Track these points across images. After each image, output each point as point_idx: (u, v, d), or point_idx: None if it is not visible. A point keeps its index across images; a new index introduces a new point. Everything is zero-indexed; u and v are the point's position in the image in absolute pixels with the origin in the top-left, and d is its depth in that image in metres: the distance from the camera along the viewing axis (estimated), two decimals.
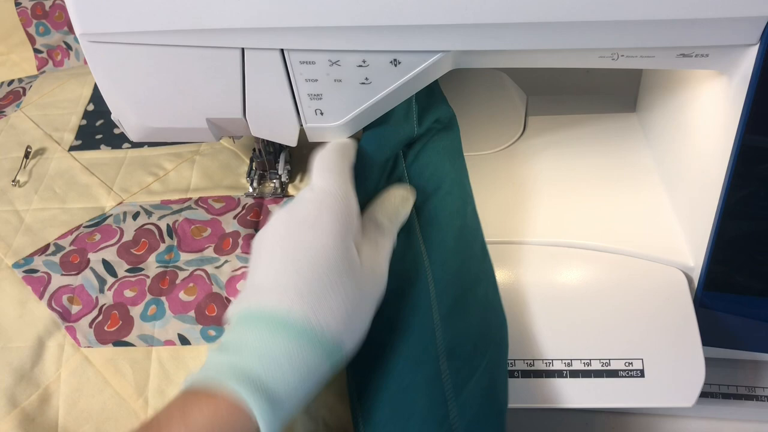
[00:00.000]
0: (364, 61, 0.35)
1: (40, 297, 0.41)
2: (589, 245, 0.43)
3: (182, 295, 0.40)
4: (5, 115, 0.55)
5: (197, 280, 0.41)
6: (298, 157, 0.49)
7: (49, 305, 0.40)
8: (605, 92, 0.61)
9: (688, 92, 0.42)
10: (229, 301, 0.40)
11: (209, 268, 0.42)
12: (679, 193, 0.44)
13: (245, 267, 0.42)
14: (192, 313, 0.40)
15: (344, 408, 0.38)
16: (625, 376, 0.39)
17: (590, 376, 0.40)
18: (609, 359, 0.40)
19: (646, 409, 0.49)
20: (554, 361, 0.40)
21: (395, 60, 0.35)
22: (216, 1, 0.33)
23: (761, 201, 0.37)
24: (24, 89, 0.58)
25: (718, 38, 0.33)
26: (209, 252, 0.43)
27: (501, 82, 0.58)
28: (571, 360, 0.40)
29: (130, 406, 0.38)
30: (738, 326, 0.43)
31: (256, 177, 0.47)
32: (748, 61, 0.33)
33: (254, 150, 0.48)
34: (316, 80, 0.36)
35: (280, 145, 0.46)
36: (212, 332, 0.39)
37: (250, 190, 0.46)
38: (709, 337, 0.40)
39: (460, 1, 0.32)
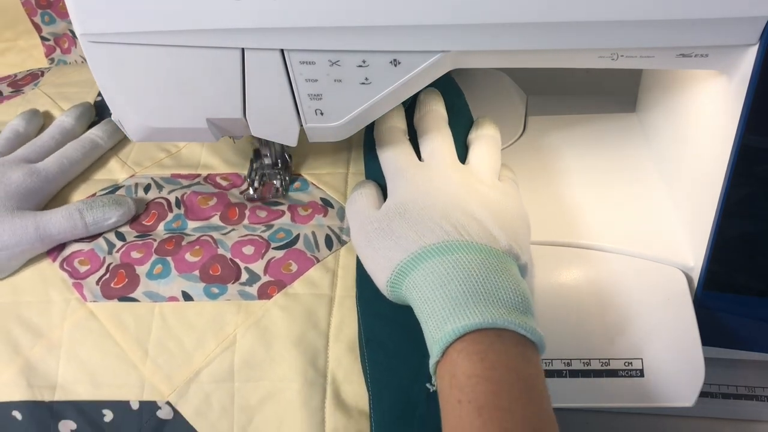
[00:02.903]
0: (364, 61, 0.35)
1: (54, 260, 0.42)
2: (589, 245, 0.43)
3: (188, 256, 0.42)
4: (23, 93, 0.56)
5: (203, 243, 0.42)
6: (298, 158, 0.49)
7: (61, 266, 0.42)
8: (605, 92, 0.61)
9: (688, 92, 0.42)
10: (233, 262, 0.41)
11: (215, 234, 0.43)
12: (679, 193, 0.44)
13: (251, 234, 0.43)
14: (197, 272, 0.41)
15: (353, 360, 0.38)
16: (625, 376, 0.39)
17: (590, 376, 0.40)
18: (608, 359, 0.40)
19: (646, 409, 0.49)
20: (554, 360, 0.40)
21: (395, 60, 0.35)
22: (216, 1, 0.33)
23: (761, 201, 0.37)
24: (43, 72, 0.60)
25: (717, 38, 0.33)
26: (215, 220, 0.44)
27: (501, 82, 0.58)
28: (570, 360, 0.40)
29: (129, 357, 0.38)
30: (738, 326, 0.43)
31: (256, 178, 0.47)
32: (747, 61, 0.33)
33: (254, 150, 0.48)
34: (316, 80, 0.36)
35: (281, 145, 0.46)
36: (215, 290, 0.40)
37: (251, 191, 0.46)
38: (709, 337, 0.40)
39: (460, 1, 0.32)
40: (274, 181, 0.47)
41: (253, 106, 0.38)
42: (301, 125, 0.39)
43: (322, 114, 0.38)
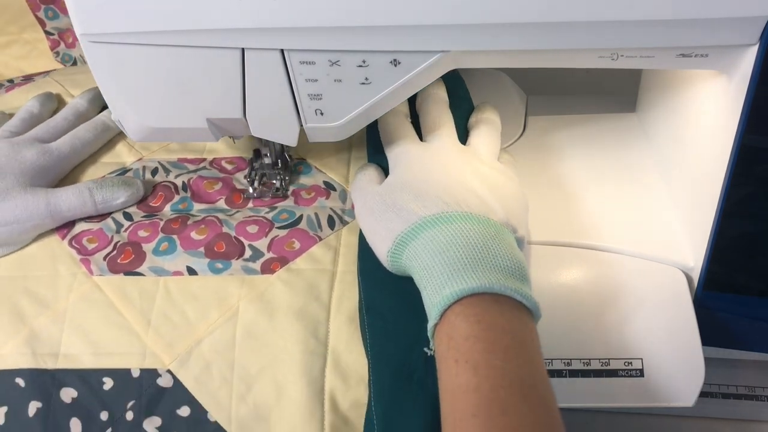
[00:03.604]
0: (364, 61, 0.35)
1: (63, 238, 0.44)
2: (589, 245, 0.43)
3: (193, 234, 0.43)
4: (34, 81, 0.58)
5: (208, 223, 0.44)
6: (300, 142, 0.49)
7: (69, 244, 0.43)
8: (605, 92, 0.61)
9: (688, 92, 0.42)
10: (237, 239, 0.42)
11: (221, 215, 0.44)
12: (679, 193, 0.44)
13: (255, 215, 0.44)
14: (201, 249, 0.42)
15: (353, 331, 0.39)
16: (625, 376, 0.39)
17: (590, 376, 0.40)
18: (608, 359, 0.40)
19: (646, 409, 0.49)
20: (554, 360, 0.40)
21: (395, 60, 0.35)
22: (216, 1, 0.33)
23: (761, 201, 0.37)
24: (55, 68, 0.61)
25: (718, 38, 0.33)
26: (221, 204, 0.46)
27: (501, 82, 0.58)
28: (570, 360, 0.40)
29: (132, 327, 0.39)
30: (738, 326, 0.43)
31: (256, 178, 0.47)
32: (748, 61, 0.33)
33: (254, 150, 0.48)
34: (316, 80, 0.36)
35: (281, 145, 0.46)
36: (219, 265, 0.41)
37: (251, 190, 0.46)
38: (709, 337, 0.40)
39: (460, 1, 0.32)
40: (274, 181, 0.47)
41: (253, 106, 0.38)
42: (301, 125, 0.39)
43: (322, 114, 0.38)
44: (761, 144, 0.35)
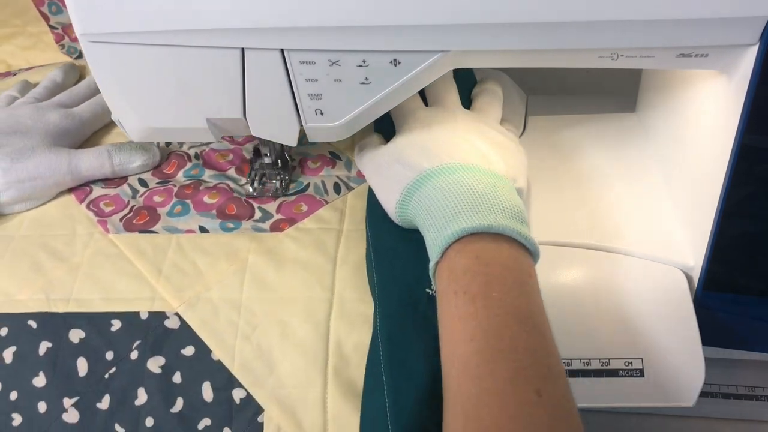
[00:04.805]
0: (364, 61, 0.35)
1: (81, 202, 0.46)
2: (589, 245, 0.43)
3: (206, 199, 0.46)
4: (53, 63, 0.60)
5: (220, 189, 0.47)
6: (298, 157, 0.49)
7: (87, 207, 0.46)
8: (605, 92, 0.61)
9: (688, 92, 0.42)
10: (248, 202, 0.45)
11: (231, 183, 0.47)
12: (679, 193, 0.44)
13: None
14: (214, 212, 0.45)
15: (359, 279, 0.40)
16: (625, 376, 0.39)
17: (590, 376, 0.40)
18: (608, 359, 0.40)
19: (646, 409, 0.49)
20: None
21: (395, 60, 0.35)
22: (216, 1, 0.33)
23: (761, 201, 0.37)
24: (63, 61, 0.63)
25: (718, 38, 0.33)
26: (231, 173, 0.49)
27: (501, 82, 0.57)
28: (570, 360, 0.40)
29: (143, 276, 0.41)
30: (738, 326, 0.43)
31: (256, 177, 0.47)
32: (747, 61, 0.33)
33: (254, 150, 0.48)
34: (316, 80, 0.36)
35: (281, 144, 0.46)
36: (230, 225, 0.44)
37: (251, 190, 0.46)
38: (709, 337, 0.40)
39: (460, 1, 0.32)
40: (274, 181, 0.47)
41: (253, 106, 0.38)
42: (301, 125, 0.39)
43: (322, 114, 0.38)
44: (761, 144, 0.35)
